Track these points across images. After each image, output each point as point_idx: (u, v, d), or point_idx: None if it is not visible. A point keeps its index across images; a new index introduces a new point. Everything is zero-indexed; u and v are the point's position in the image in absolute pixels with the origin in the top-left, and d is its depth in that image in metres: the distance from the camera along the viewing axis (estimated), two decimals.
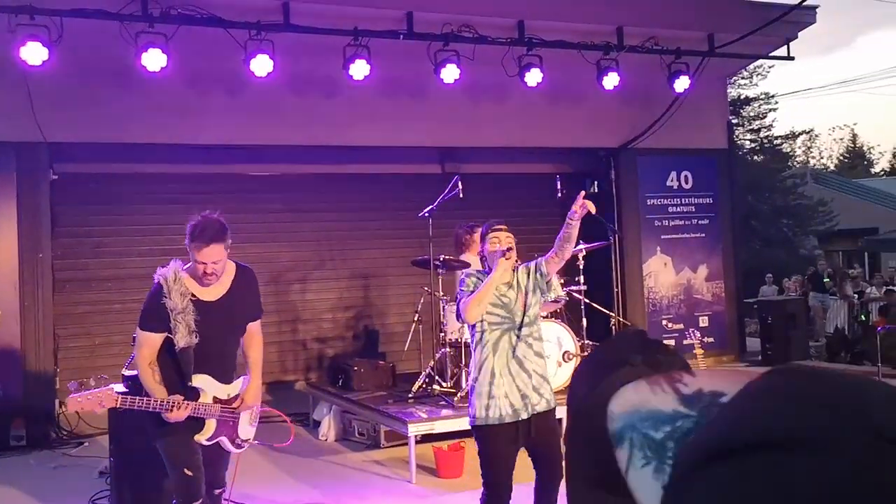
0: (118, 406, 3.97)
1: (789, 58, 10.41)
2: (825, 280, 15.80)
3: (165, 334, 3.94)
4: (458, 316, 4.31)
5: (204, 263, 3.93)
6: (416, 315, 7.57)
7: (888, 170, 44.34)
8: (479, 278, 4.20)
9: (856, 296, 14.61)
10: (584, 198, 4.26)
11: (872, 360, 9.68)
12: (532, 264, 4.33)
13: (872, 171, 44.89)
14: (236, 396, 4.21)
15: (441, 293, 7.34)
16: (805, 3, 9.44)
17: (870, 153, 48.71)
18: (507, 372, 4.08)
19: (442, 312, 7.16)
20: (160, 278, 3.98)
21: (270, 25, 7.73)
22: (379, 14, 8.46)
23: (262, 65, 7.65)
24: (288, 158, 9.88)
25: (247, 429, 4.30)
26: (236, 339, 4.30)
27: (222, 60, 8.32)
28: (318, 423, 7.66)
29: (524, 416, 4.05)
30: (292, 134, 9.31)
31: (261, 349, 4.38)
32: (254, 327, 4.35)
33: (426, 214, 7.41)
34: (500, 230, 4.28)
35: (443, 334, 7.09)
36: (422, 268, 7.50)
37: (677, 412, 0.64)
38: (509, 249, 4.17)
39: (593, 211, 4.29)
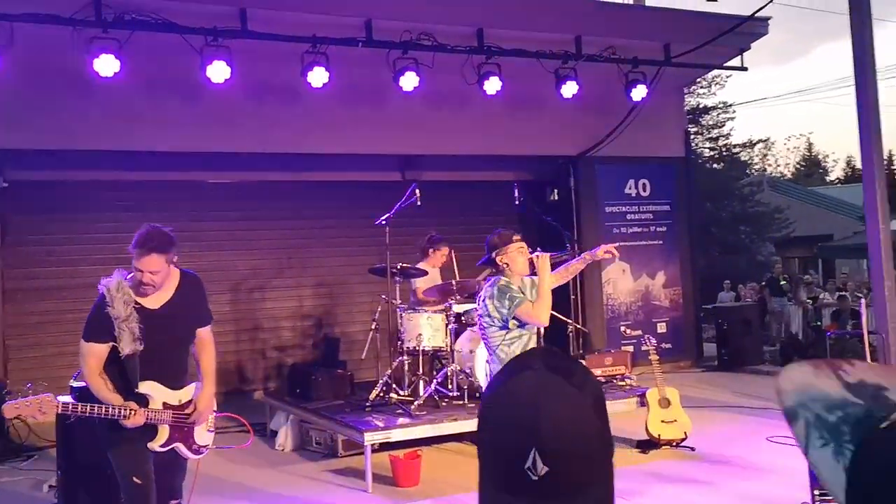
0: (60, 412, 3.91)
1: (743, 68, 10.59)
2: (782, 283, 16.07)
3: (111, 344, 3.91)
4: (500, 323, 4.51)
5: (141, 272, 3.92)
6: (374, 323, 7.54)
7: (843, 178, 45.29)
8: (517, 284, 4.53)
9: (810, 301, 14.90)
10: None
11: None
12: (529, 279, 4.69)
13: (827, 179, 45.84)
14: (189, 402, 4.17)
15: (398, 301, 7.33)
16: (757, 15, 9.62)
17: (825, 161, 49.74)
18: None
19: (399, 320, 7.14)
20: (103, 288, 3.97)
21: (227, 31, 7.66)
22: (337, 21, 8.44)
23: (218, 71, 7.58)
24: (246, 166, 9.80)
25: (204, 435, 4.27)
26: (184, 345, 4.27)
27: (178, 66, 8.23)
28: (275, 433, 7.58)
29: None
30: (251, 141, 9.25)
31: (212, 355, 4.35)
32: (204, 333, 4.31)
33: (383, 222, 7.40)
34: (520, 239, 4.64)
35: (400, 342, 7.06)
36: (379, 276, 7.49)
37: (846, 399, 0.69)
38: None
39: (617, 257, 4.93)
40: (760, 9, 9.14)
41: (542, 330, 4.95)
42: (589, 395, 1.02)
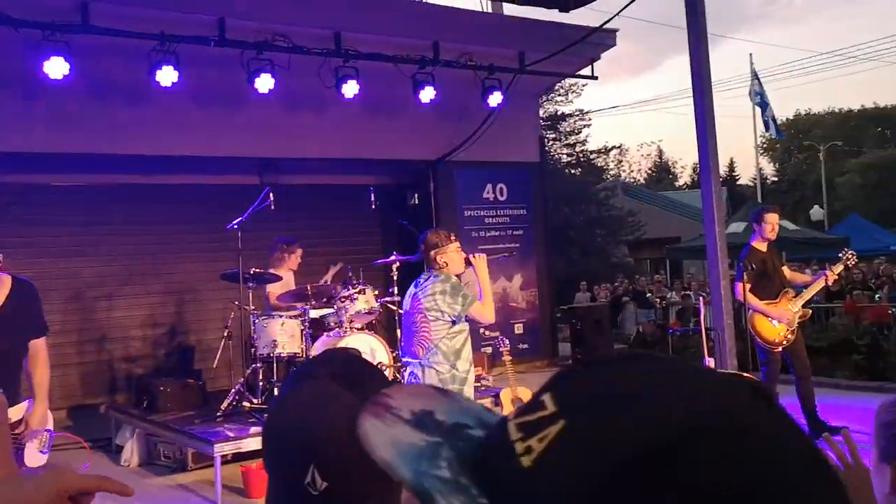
0: None
1: (593, 77, 11.04)
2: (647, 295, 16.76)
3: None
4: (450, 318, 4.67)
5: None
6: (226, 330, 7.33)
7: (690, 183, 48.00)
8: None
9: (658, 300, 15.68)
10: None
11: None
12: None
13: (676, 184, 48.47)
14: (20, 421, 3.92)
15: (251, 307, 7.15)
16: (606, 27, 10.05)
17: (674, 167, 52.63)
18: None
19: (253, 327, 6.97)
20: None
21: (66, 26, 7.27)
22: (188, 19, 8.18)
23: (56, 67, 7.19)
24: (91, 167, 9.32)
25: (36, 456, 4.01)
26: (15, 358, 4.01)
27: (13, 62, 7.73)
28: (121, 448, 7.24)
29: None
30: (96, 142, 8.78)
31: (46, 369, 4.11)
32: (37, 345, 4.07)
33: (235, 226, 7.22)
34: (456, 239, 4.88)
35: (254, 349, 6.90)
36: (231, 281, 7.29)
37: (428, 441, 0.58)
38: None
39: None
40: (608, 21, 9.58)
41: None
42: None
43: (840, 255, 6.96)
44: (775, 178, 51.51)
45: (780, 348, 6.64)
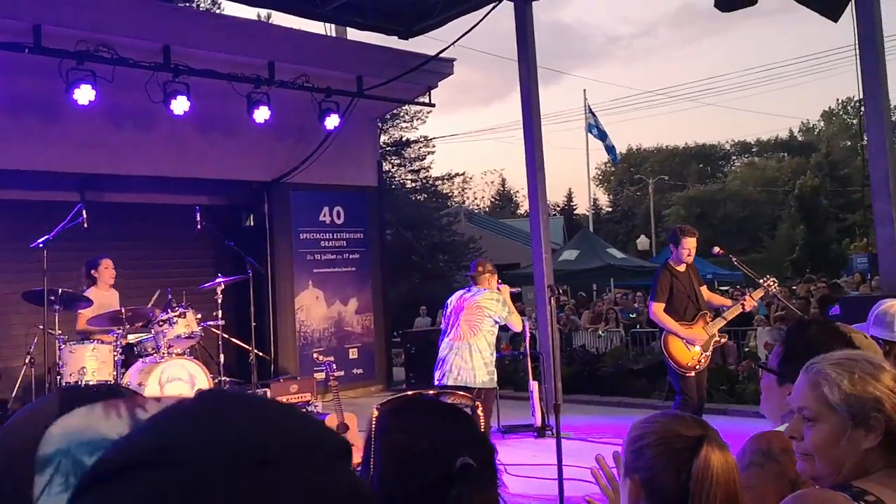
0: None
1: (431, 104, 11.24)
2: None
3: None
4: (497, 320, 6.24)
5: None
6: (29, 356, 6.81)
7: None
8: None
9: None
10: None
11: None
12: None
13: (518, 212, 50.03)
14: None
15: (58, 331, 6.66)
16: (442, 57, 10.26)
17: (516, 196, 54.32)
18: None
19: (58, 352, 6.51)
20: None
21: None
22: (1, 24, 7.66)
23: None
24: None
25: None
26: None
27: None
28: None
29: None
30: None
31: None
32: None
33: (40, 244, 6.75)
34: None
35: (59, 377, 6.43)
36: (35, 303, 6.78)
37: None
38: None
39: None
40: (443, 50, 9.78)
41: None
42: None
43: (761, 281, 6.53)
44: (609, 209, 54.32)
45: (693, 372, 6.17)
